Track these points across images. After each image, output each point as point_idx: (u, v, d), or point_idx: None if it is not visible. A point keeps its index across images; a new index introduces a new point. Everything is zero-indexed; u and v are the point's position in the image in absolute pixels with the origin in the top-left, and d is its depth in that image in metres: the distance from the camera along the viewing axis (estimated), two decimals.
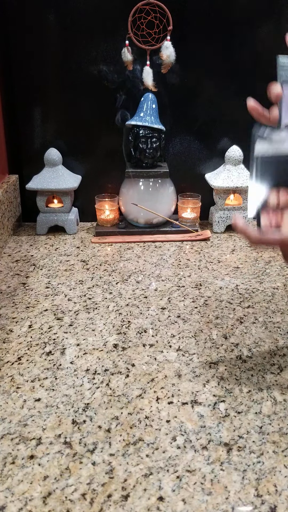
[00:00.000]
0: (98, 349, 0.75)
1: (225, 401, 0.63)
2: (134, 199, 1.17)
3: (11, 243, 1.15)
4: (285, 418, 0.60)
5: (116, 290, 0.93)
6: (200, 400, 0.64)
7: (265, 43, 1.15)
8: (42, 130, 1.20)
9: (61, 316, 0.84)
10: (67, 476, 0.52)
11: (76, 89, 1.17)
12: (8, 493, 0.50)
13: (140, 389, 0.66)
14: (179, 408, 0.62)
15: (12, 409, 0.62)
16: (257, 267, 1.03)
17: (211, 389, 0.66)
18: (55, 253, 1.10)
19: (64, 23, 1.12)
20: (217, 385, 0.67)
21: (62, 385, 0.67)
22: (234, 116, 1.21)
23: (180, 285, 0.95)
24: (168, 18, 1.09)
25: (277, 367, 0.70)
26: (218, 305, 0.88)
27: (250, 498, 0.49)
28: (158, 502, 0.49)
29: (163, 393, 0.65)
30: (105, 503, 0.49)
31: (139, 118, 1.13)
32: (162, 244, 1.15)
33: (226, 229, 1.22)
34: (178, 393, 0.65)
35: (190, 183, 1.26)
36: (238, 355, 0.73)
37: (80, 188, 1.21)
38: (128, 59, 1.11)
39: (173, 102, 1.19)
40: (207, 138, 1.23)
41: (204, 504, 0.49)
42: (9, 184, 1.16)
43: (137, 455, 0.55)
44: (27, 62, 1.14)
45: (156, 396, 0.65)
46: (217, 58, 1.16)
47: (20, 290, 0.93)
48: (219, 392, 0.65)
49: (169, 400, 0.64)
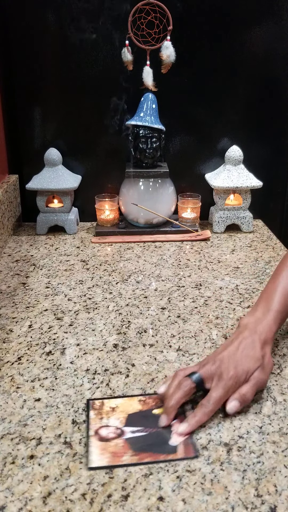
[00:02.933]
0: (98, 349, 0.75)
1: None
2: (134, 199, 1.17)
3: (11, 243, 1.15)
4: (285, 418, 0.60)
5: (116, 290, 0.93)
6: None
7: (265, 43, 1.15)
8: (42, 130, 1.20)
9: (61, 316, 0.84)
10: (67, 476, 0.52)
11: (76, 89, 1.17)
12: (8, 493, 0.50)
13: (140, 389, 0.66)
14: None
15: (12, 409, 0.62)
16: (257, 267, 1.03)
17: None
18: (55, 253, 1.10)
19: (64, 23, 1.12)
20: None
21: (62, 385, 0.67)
22: (234, 116, 1.21)
23: (180, 285, 0.95)
24: (168, 18, 1.09)
25: (277, 367, 0.70)
26: (218, 305, 0.88)
27: (250, 498, 0.49)
28: (158, 502, 0.49)
29: None
30: (105, 503, 0.49)
31: (139, 118, 1.13)
32: (162, 244, 1.15)
33: (226, 229, 1.22)
34: None
35: (190, 183, 1.26)
36: None
37: (80, 188, 1.21)
38: (128, 59, 1.11)
39: (173, 102, 1.19)
40: (207, 138, 1.23)
41: (204, 504, 0.49)
42: (9, 184, 1.16)
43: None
44: (27, 62, 1.14)
45: None
46: (217, 58, 1.16)
47: (20, 290, 0.93)
48: None
49: None
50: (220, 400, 0.59)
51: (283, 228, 1.33)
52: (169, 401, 0.59)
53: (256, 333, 0.64)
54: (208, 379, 0.60)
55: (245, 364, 0.61)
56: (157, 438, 0.57)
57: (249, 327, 0.65)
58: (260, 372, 0.62)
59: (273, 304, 0.68)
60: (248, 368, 0.61)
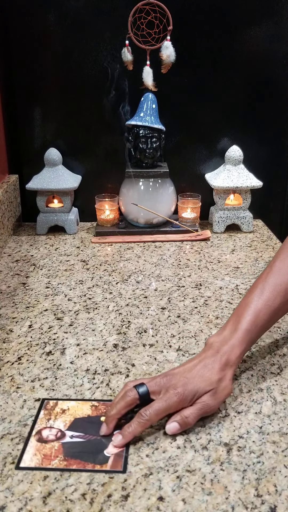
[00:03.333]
0: (98, 349, 0.75)
1: (225, 401, 0.63)
2: (134, 199, 1.17)
3: (11, 243, 1.15)
4: (285, 418, 0.60)
5: (116, 290, 0.93)
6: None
7: (265, 43, 1.15)
8: (42, 130, 1.20)
9: (61, 316, 0.84)
10: (67, 476, 0.52)
11: (76, 89, 1.17)
12: (8, 493, 0.50)
13: None
14: None
15: (12, 409, 0.62)
16: (257, 267, 1.03)
17: None
18: (55, 253, 1.10)
19: (64, 23, 1.12)
20: None
21: (62, 385, 0.67)
22: (234, 116, 1.21)
23: (180, 285, 0.95)
24: (168, 18, 1.09)
25: (277, 367, 0.70)
26: (218, 305, 0.88)
27: (250, 498, 0.49)
28: (158, 502, 0.49)
29: None
30: (105, 503, 0.49)
31: (139, 118, 1.13)
32: (162, 244, 1.15)
33: (226, 229, 1.22)
34: None
35: (190, 183, 1.26)
36: None
37: (80, 188, 1.21)
38: (128, 59, 1.11)
39: (173, 102, 1.19)
40: (207, 138, 1.23)
41: (204, 504, 0.49)
42: (9, 184, 1.16)
43: (137, 455, 0.55)
44: (27, 62, 1.14)
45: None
46: (217, 58, 1.16)
47: (20, 290, 0.93)
48: None
49: None
50: (158, 413, 0.56)
51: (283, 228, 1.33)
52: (110, 410, 0.58)
53: (218, 354, 0.60)
54: (155, 392, 0.58)
55: (196, 384, 0.58)
56: (94, 446, 0.56)
57: (213, 347, 0.62)
58: (210, 396, 0.58)
59: (242, 323, 0.63)
60: (197, 389, 0.57)
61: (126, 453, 0.55)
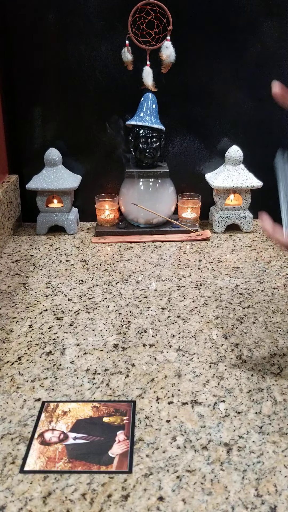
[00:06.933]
0: (98, 349, 0.75)
1: (225, 401, 0.63)
2: (134, 199, 1.17)
3: (11, 243, 1.15)
4: (285, 418, 0.60)
5: (116, 290, 0.93)
6: (200, 400, 0.64)
7: (265, 43, 1.15)
8: (42, 130, 1.20)
9: (61, 316, 0.84)
10: (67, 476, 0.52)
11: (76, 89, 1.17)
12: (8, 493, 0.50)
13: (140, 389, 0.66)
14: (179, 408, 0.62)
15: (12, 409, 0.62)
16: (257, 267, 1.03)
17: (211, 389, 0.66)
18: (55, 253, 1.10)
19: (64, 23, 1.12)
20: (217, 385, 0.67)
21: (62, 385, 0.67)
22: (234, 116, 1.21)
23: (180, 285, 0.95)
24: (168, 18, 1.09)
25: (277, 367, 0.70)
26: (218, 305, 0.88)
27: (250, 498, 0.49)
28: (158, 502, 0.49)
29: (163, 393, 0.65)
30: (105, 503, 0.49)
31: (139, 118, 1.13)
32: (162, 244, 1.15)
33: (226, 229, 1.22)
34: (178, 393, 0.65)
35: (190, 183, 1.26)
36: (238, 355, 0.73)
37: (80, 188, 1.21)
38: (128, 59, 1.11)
39: (173, 102, 1.19)
40: (207, 138, 1.23)
41: (204, 504, 0.49)
42: (9, 184, 1.16)
43: (137, 455, 0.55)
44: (27, 62, 1.14)
45: (156, 396, 0.65)
46: (217, 58, 1.16)
47: (20, 290, 0.93)
48: (219, 392, 0.65)
49: (169, 400, 0.64)
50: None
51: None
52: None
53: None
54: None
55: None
56: (98, 447, 0.56)
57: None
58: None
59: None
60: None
61: (131, 454, 0.55)
